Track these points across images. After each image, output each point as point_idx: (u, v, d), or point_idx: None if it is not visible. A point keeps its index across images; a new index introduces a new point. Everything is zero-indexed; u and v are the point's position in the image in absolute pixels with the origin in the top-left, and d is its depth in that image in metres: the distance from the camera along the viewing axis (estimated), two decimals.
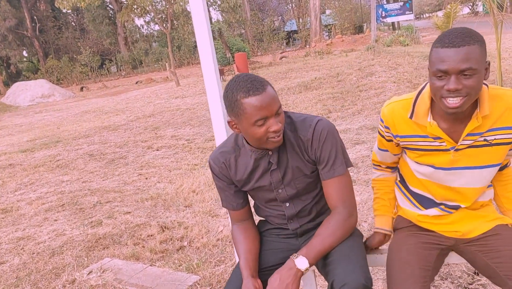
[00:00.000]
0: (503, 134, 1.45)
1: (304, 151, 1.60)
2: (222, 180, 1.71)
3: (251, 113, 1.43)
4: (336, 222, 1.57)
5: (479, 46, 1.31)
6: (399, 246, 1.63)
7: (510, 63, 10.62)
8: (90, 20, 43.59)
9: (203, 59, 1.79)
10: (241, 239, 1.72)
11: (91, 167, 6.88)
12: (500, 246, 1.51)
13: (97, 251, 3.69)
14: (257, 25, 40.07)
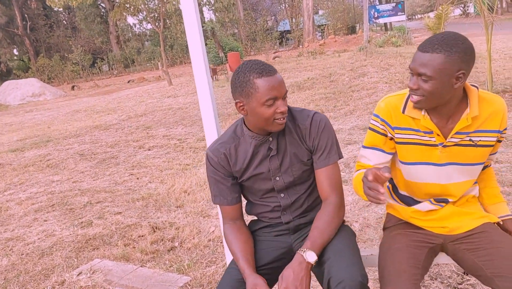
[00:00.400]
0: (488, 137, 1.54)
1: (302, 138, 1.68)
2: (220, 172, 1.71)
3: (263, 92, 1.52)
4: (330, 213, 1.64)
5: (447, 56, 1.38)
6: (390, 245, 1.65)
7: (500, 64, 10.71)
8: (81, 18, 43.31)
9: (194, 59, 1.78)
10: (235, 239, 1.71)
11: (82, 167, 6.82)
12: (487, 244, 1.54)
13: (87, 252, 3.65)
14: (250, 25, 40.04)
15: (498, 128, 1.53)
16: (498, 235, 1.57)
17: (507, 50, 13.40)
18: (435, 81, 1.41)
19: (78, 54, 39.62)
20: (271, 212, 1.79)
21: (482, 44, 7.46)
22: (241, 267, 1.62)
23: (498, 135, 1.55)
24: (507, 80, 8.39)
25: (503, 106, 1.52)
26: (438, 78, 1.41)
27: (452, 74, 1.41)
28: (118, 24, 42.22)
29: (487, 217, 1.66)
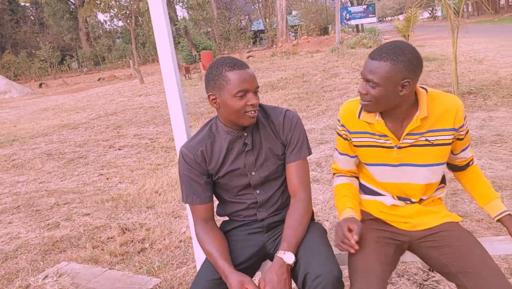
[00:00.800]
0: (443, 136, 1.59)
1: (276, 133, 1.74)
2: (195, 169, 1.71)
3: (234, 84, 1.57)
4: (300, 210, 1.70)
5: (392, 65, 1.46)
6: (359, 241, 1.66)
7: (466, 66, 11.03)
8: (50, 14, 42.24)
9: (162, 58, 1.75)
10: (210, 238, 1.69)
11: (49, 167, 6.65)
12: (451, 242, 1.59)
13: (54, 254, 3.55)
14: (223, 24, 39.91)
15: (453, 126, 1.57)
16: (460, 234, 1.62)
17: (473, 53, 13.81)
18: (381, 88, 1.49)
19: (46, 51, 38.57)
20: (247, 210, 1.80)
21: (449, 47, 7.67)
22: (220, 266, 1.60)
23: (454, 133, 1.59)
24: (472, 82, 8.65)
25: (455, 104, 1.57)
26: (384, 86, 1.48)
27: (397, 82, 1.48)
28: (88, 20, 41.35)
29: (450, 216, 1.71)
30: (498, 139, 5.00)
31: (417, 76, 1.51)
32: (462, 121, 1.58)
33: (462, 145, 1.67)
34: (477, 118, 6.12)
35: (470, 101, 7.16)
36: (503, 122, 5.70)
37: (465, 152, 1.70)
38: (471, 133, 5.31)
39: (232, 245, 1.77)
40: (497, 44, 15.70)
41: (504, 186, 3.68)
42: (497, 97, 7.15)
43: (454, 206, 3.40)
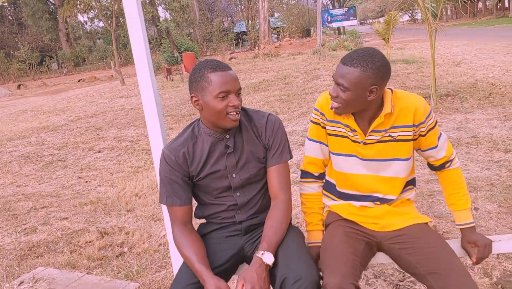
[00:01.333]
0: (404, 132, 1.66)
1: (258, 136, 1.76)
2: (176, 171, 1.71)
3: (216, 85, 1.59)
4: (281, 212, 1.71)
5: (362, 72, 1.53)
6: (330, 237, 1.75)
7: (444, 69, 11.23)
8: (28, 14, 41.49)
9: (137, 62, 1.74)
10: (188, 242, 1.68)
11: (27, 170, 6.53)
12: (420, 243, 1.63)
13: (30, 259, 3.49)
14: (206, 25, 39.80)
15: (412, 123, 1.64)
16: (429, 235, 1.66)
17: (451, 56, 14.08)
18: (350, 92, 1.57)
19: (25, 52, 37.87)
20: (226, 212, 1.80)
21: (428, 50, 7.82)
22: (197, 270, 1.59)
23: (414, 129, 1.65)
24: (449, 85, 8.81)
25: (414, 102, 1.63)
26: (353, 90, 1.56)
27: (366, 88, 1.56)
28: (68, 21, 40.75)
29: (419, 217, 1.75)
30: (474, 141, 5.11)
31: (384, 82, 1.59)
32: (423, 119, 1.63)
33: (428, 142, 1.70)
34: (454, 120, 6.24)
35: (447, 104, 7.29)
36: (479, 124, 5.82)
37: (434, 150, 1.72)
38: (449, 135, 5.41)
39: (210, 248, 1.76)
40: (474, 47, 16.03)
41: (479, 186, 3.76)
42: (473, 100, 7.31)
43: (430, 207, 3.46)
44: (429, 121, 1.65)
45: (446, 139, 1.74)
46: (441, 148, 1.72)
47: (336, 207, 1.86)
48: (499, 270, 2.50)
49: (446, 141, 1.74)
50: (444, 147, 1.72)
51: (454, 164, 1.76)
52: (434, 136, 1.69)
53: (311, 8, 42.45)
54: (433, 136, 1.69)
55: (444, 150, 1.73)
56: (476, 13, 50.36)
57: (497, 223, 3.09)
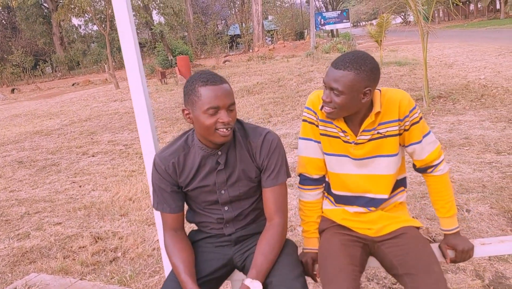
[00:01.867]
0: (390, 127, 1.66)
1: (252, 155, 1.69)
2: (165, 179, 1.68)
3: (205, 100, 1.53)
4: (274, 236, 1.66)
5: (356, 74, 1.53)
6: (327, 247, 1.73)
7: (437, 70, 11.30)
8: (22, 19, 41.29)
9: (128, 68, 1.75)
10: (177, 250, 1.67)
11: (20, 175, 6.50)
12: (404, 244, 1.65)
13: (23, 265, 3.48)
14: (200, 28, 39.80)
15: (398, 118, 1.64)
16: (415, 237, 1.68)
17: (443, 58, 14.17)
18: (345, 96, 1.55)
19: (19, 56, 37.70)
20: (214, 223, 1.78)
21: (421, 52, 7.87)
22: (182, 280, 1.58)
23: (400, 124, 1.65)
24: (441, 86, 8.87)
25: (398, 96, 1.63)
26: (348, 94, 1.55)
27: (360, 90, 1.55)
28: (62, 25, 40.59)
29: (409, 221, 1.76)
30: (466, 142, 5.15)
31: (376, 84, 1.60)
32: (407, 112, 1.63)
33: (411, 137, 1.68)
34: (446, 122, 6.28)
35: (440, 105, 7.34)
36: (471, 126, 5.86)
37: (417, 146, 1.68)
38: (441, 137, 5.45)
39: (199, 256, 1.76)
40: (466, 49, 16.14)
41: (471, 188, 3.79)
42: (465, 101, 7.36)
43: (422, 209, 3.48)
44: (414, 115, 1.64)
45: (434, 142, 1.70)
46: (425, 146, 1.68)
47: (330, 213, 1.85)
48: (491, 272, 2.52)
49: (435, 144, 1.70)
50: (429, 147, 1.69)
51: (438, 170, 1.71)
52: (417, 131, 1.66)
53: (304, 11, 42.59)
54: (417, 131, 1.66)
55: (428, 151, 1.69)
56: (468, 15, 50.74)
57: (489, 225, 3.12)
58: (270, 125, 7.68)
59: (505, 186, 3.74)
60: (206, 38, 38.32)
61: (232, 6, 47.64)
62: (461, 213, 3.34)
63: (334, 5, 49.31)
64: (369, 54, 1.59)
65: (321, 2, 54.23)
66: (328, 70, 1.60)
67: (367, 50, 20.74)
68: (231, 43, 41.02)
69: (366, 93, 1.56)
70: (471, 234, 3.01)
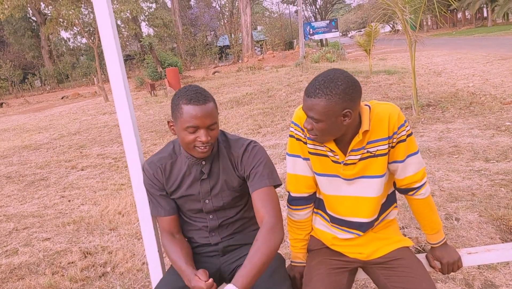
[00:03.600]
0: (380, 146, 1.58)
1: (235, 166, 1.72)
2: (154, 184, 1.73)
3: (185, 119, 1.56)
4: (260, 236, 1.53)
5: (328, 100, 1.44)
6: (312, 275, 1.69)
7: (426, 79, 11.42)
8: (10, 32, 41.14)
9: (113, 81, 1.74)
10: (176, 248, 1.70)
11: (8, 190, 6.41)
12: (400, 271, 1.61)
13: (11, 282, 3.42)
14: (189, 40, 39.91)
15: (387, 135, 1.56)
16: (410, 263, 1.63)
17: (432, 66, 14.33)
18: (323, 122, 1.49)
19: (7, 70, 37.44)
20: (199, 231, 1.81)
21: (409, 60, 7.95)
22: (184, 269, 1.59)
23: (389, 141, 1.57)
24: (431, 95, 8.96)
25: (387, 112, 1.54)
26: (326, 120, 1.48)
27: (337, 114, 1.47)
28: (51, 38, 40.47)
29: (402, 241, 1.72)
30: (455, 150, 5.18)
31: (356, 102, 1.49)
32: (395, 128, 1.55)
33: (395, 154, 1.60)
34: (435, 130, 6.33)
35: (429, 114, 7.40)
36: (460, 134, 5.91)
37: (399, 165, 1.60)
38: (430, 145, 5.49)
39: None
40: (455, 56, 16.36)
41: (460, 197, 3.81)
42: (454, 109, 7.43)
43: (412, 218, 3.48)
44: (401, 132, 1.55)
45: (419, 164, 1.61)
46: (407, 166, 1.60)
47: (321, 235, 1.80)
48: (480, 281, 2.53)
49: (419, 166, 1.62)
50: (411, 168, 1.60)
51: (419, 194, 1.65)
52: (402, 150, 1.58)
53: (293, 21, 42.92)
54: (401, 150, 1.58)
55: (410, 172, 1.61)
56: (456, 23, 51.50)
57: (478, 233, 3.13)
58: (259, 136, 7.68)
59: (493, 194, 3.77)
60: (196, 49, 38.44)
61: (221, 17, 47.88)
62: (450, 221, 3.36)
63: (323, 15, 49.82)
64: (341, 74, 1.48)
65: (310, 12, 54.78)
66: (303, 97, 1.53)
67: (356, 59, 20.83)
68: (220, 54, 41.14)
69: (347, 115, 1.48)
70: (460, 242, 3.02)
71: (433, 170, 4.59)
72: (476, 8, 40.27)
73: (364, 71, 14.30)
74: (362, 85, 11.75)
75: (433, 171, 4.56)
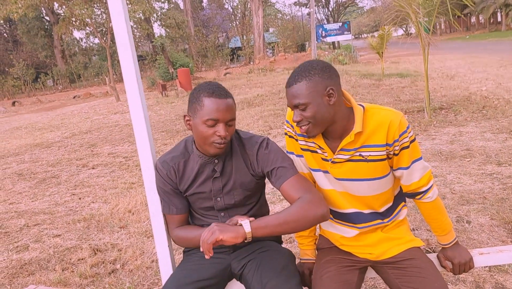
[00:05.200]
0: (376, 152, 1.55)
1: (250, 165, 1.72)
2: (168, 183, 1.74)
3: (206, 111, 1.56)
4: (297, 204, 1.52)
5: (308, 81, 1.48)
6: (321, 274, 1.67)
7: (438, 82, 11.33)
8: (24, 31, 41.66)
9: (126, 79, 1.75)
10: (188, 230, 1.76)
11: (20, 187, 6.49)
12: (412, 272, 1.58)
13: (22, 278, 3.45)
14: (201, 41, 40.09)
15: (386, 142, 1.53)
16: (422, 263, 1.61)
17: (445, 69, 14.22)
18: (310, 105, 1.49)
19: (20, 69, 37.90)
20: None
21: (422, 63, 7.89)
22: (198, 232, 1.69)
23: (388, 148, 1.54)
24: (443, 98, 8.88)
25: (387, 119, 1.52)
26: (312, 101, 1.48)
27: (322, 93, 1.49)
28: (64, 38, 40.91)
29: (413, 241, 1.70)
30: (468, 154, 5.13)
31: (337, 82, 1.52)
32: (396, 136, 1.52)
33: (400, 162, 1.58)
34: (447, 133, 6.27)
35: (441, 117, 7.34)
36: (472, 137, 5.85)
37: (404, 171, 1.59)
38: (442, 148, 5.44)
39: (197, 261, 1.79)
40: (468, 60, 16.22)
41: (472, 200, 3.76)
42: (467, 113, 7.36)
43: (422, 220, 3.45)
44: (404, 140, 1.53)
45: (424, 168, 1.60)
46: (412, 172, 1.58)
47: (329, 235, 1.80)
48: (491, 283, 2.49)
49: (424, 171, 1.60)
50: (417, 174, 1.59)
51: (426, 197, 1.63)
52: (406, 156, 1.56)
53: (305, 23, 42.92)
54: (406, 156, 1.56)
55: (416, 178, 1.59)
56: (469, 27, 51.10)
57: (489, 236, 3.09)
58: (270, 137, 7.66)
59: (505, 197, 3.72)
60: (207, 50, 38.58)
61: (233, 18, 48.05)
62: (461, 224, 3.32)
63: (335, 17, 49.70)
64: (316, 60, 1.55)
65: (323, 15, 54.72)
66: (286, 93, 1.56)
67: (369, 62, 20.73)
68: (232, 56, 41.26)
69: (331, 94, 1.49)
70: (471, 245, 2.98)
71: (445, 173, 4.54)
72: (490, 12, 39.94)
73: (377, 74, 14.24)
74: (374, 88, 11.71)
75: (445, 174, 4.51)
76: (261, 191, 1.87)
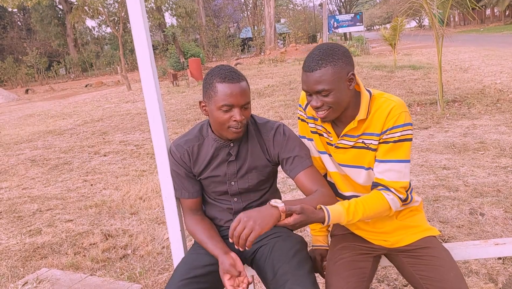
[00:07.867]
0: (373, 140, 1.53)
1: (266, 150, 1.71)
2: (182, 166, 1.74)
3: (220, 97, 1.54)
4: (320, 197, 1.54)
5: (334, 66, 1.44)
6: (336, 259, 1.66)
7: (451, 75, 11.19)
8: (37, 20, 41.91)
9: (141, 68, 1.75)
10: (199, 226, 1.75)
11: (33, 173, 6.56)
12: (427, 261, 1.56)
13: (35, 261, 3.50)
14: (212, 31, 39.98)
15: (380, 131, 1.50)
16: (437, 252, 1.58)
17: (458, 62, 14.03)
18: (334, 91, 1.46)
19: (33, 57, 38.17)
20: (223, 212, 1.82)
21: (435, 56, 7.79)
22: (210, 248, 1.65)
23: (380, 137, 1.51)
24: (457, 91, 8.77)
25: (387, 108, 1.49)
26: (336, 87, 1.46)
27: (344, 79, 1.47)
28: (76, 27, 41.07)
29: (429, 230, 1.68)
30: (481, 146, 5.07)
31: (354, 66, 1.52)
32: (392, 124, 1.47)
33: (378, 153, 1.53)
34: (461, 126, 6.20)
35: (455, 109, 7.26)
36: (486, 130, 5.78)
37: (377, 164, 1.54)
38: (455, 141, 5.38)
39: None
40: (482, 53, 15.96)
41: (486, 192, 3.73)
42: (481, 106, 7.27)
43: (435, 212, 3.43)
44: (395, 134, 1.48)
45: (400, 175, 1.50)
46: (385, 169, 1.51)
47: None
48: (505, 276, 2.47)
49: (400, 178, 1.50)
50: (390, 175, 1.51)
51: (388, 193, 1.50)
52: (383, 150, 1.51)
53: (317, 14, 42.59)
54: (383, 150, 1.51)
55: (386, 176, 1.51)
56: (484, 19, 50.25)
57: (503, 229, 3.06)
58: None
59: None
60: (218, 41, 38.48)
61: (244, 9, 47.82)
62: (475, 216, 3.29)
63: (347, 9, 49.24)
64: (333, 43, 1.52)
65: (335, 6, 54.22)
66: (303, 77, 1.50)
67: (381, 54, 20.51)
68: (242, 46, 41.11)
69: (351, 79, 1.48)
70: (485, 237, 2.96)
71: (458, 165, 4.50)
72: (505, 4, 39.22)
73: (389, 66, 14.09)
74: (386, 79, 11.61)
75: (458, 166, 4.47)
76: (274, 177, 1.86)
